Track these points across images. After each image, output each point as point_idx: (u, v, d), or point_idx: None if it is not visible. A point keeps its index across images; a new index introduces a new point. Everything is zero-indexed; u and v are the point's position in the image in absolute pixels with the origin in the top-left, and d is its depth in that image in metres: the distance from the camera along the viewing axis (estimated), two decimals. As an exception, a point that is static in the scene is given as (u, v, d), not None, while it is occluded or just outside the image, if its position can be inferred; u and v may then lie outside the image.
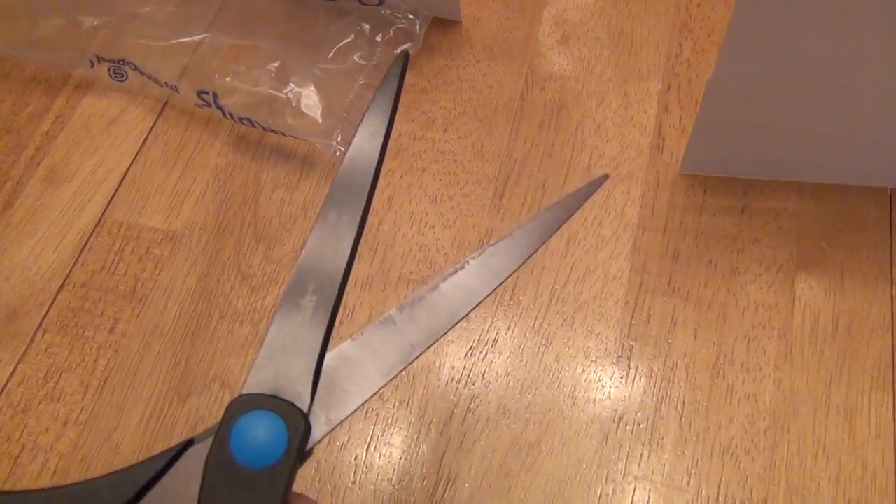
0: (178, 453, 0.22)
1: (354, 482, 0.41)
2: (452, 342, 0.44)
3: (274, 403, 0.21)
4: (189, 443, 0.22)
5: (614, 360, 0.43)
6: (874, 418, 0.41)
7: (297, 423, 0.21)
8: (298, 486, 0.34)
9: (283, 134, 0.50)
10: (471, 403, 0.42)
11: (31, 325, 0.46)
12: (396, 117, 0.26)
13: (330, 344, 0.24)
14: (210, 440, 0.21)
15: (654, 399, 0.42)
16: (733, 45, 0.38)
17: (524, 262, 0.26)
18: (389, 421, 0.42)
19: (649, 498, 0.40)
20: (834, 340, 0.43)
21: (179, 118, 0.53)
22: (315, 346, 0.22)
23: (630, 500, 0.40)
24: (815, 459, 0.40)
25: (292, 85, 0.51)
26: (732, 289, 0.45)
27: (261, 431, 0.21)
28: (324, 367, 0.23)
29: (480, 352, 0.44)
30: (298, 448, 0.21)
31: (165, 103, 0.54)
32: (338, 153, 0.49)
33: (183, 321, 0.46)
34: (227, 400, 0.43)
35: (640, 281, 0.46)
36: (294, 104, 0.50)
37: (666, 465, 0.40)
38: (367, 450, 0.41)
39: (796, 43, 0.37)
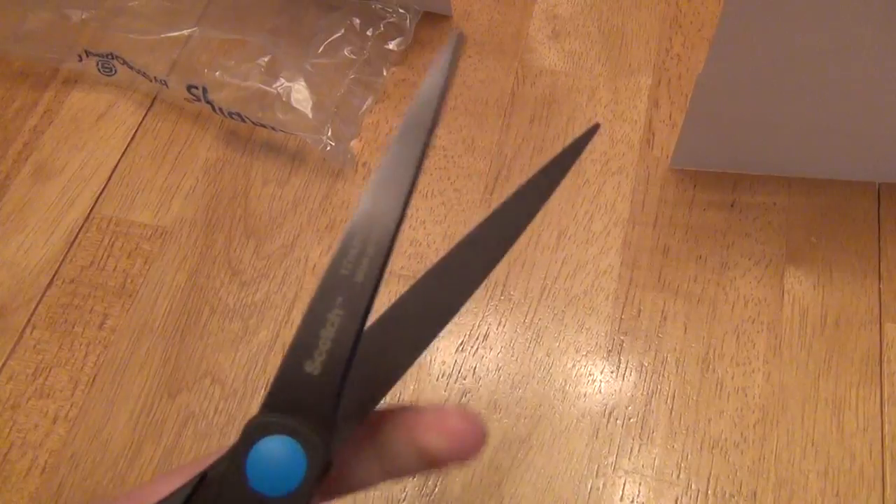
0: (193, 491, 0.20)
1: (345, 477, 0.41)
2: (443, 337, 0.44)
3: (293, 429, 0.19)
4: (202, 477, 0.21)
5: (605, 355, 0.44)
6: (862, 411, 0.41)
7: (317, 455, 0.19)
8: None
9: (273, 129, 0.50)
10: (462, 398, 0.42)
11: (20, 321, 0.46)
12: (388, 113, 0.25)
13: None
14: (221, 469, 0.20)
15: (645, 393, 0.42)
16: (723, 41, 0.38)
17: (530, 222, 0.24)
18: (380, 416, 0.42)
19: (639, 492, 0.40)
20: (822, 334, 0.44)
21: (169, 113, 0.53)
22: (341, 357, 0.19)
23: (620, 493, 0.40)
24: (803, 452, 0.40)
25: (282, 79, 0.51)
26: (722, 283, 0.45)
27: (278, 458, 0.19)
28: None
29: (471, 346, 0.44)
30: (316, 480, 0.19)
31: (155, 98, 0.54)
32: (328, 148, 0.49)
33: (173, 317, 0.46)
34: (217, 396, 0.43)
35: (630, 276, 0.46)
36: (284, 99, 0.50)
37: (656, 459, 0.41)
38: (358, 445, 0.41)
39: (786, 39, 0.37)
